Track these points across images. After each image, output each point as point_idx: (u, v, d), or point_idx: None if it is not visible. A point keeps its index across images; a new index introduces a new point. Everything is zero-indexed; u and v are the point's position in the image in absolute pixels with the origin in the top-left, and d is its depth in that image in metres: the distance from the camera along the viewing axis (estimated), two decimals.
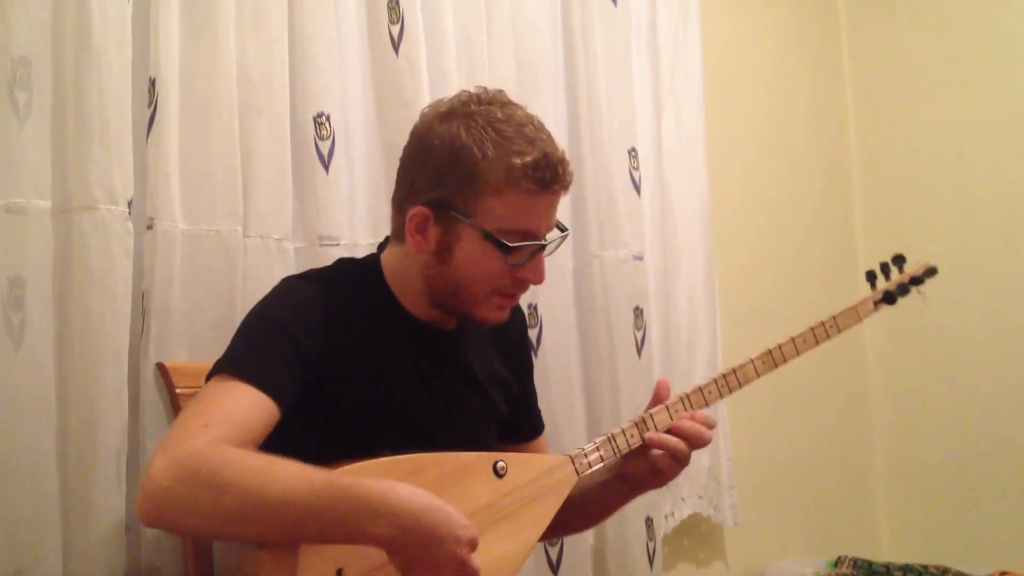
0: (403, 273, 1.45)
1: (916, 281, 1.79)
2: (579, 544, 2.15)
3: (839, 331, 1.71)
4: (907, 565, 2.75)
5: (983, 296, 3.12)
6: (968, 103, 3.17)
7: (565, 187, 1.41)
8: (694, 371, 2.57)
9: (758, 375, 1.62)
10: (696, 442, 1.51)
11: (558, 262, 2.19)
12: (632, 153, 2.37)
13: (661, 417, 1.51)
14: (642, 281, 2.36)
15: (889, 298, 1.75)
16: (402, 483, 1.16)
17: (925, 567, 2.72)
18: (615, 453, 1.48)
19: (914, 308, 3.21)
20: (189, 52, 1.66)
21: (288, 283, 1.43)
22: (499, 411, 1.58)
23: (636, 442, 1.49)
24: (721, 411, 2.65)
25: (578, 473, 1.45)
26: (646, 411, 1.53)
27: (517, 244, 1.37)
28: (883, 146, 3.36)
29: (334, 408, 1.37)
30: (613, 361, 2.25)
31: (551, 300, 2.17)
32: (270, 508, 1.13)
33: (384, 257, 1.50)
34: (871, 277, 1.76)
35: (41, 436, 1.44)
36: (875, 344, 3.37)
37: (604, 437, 1.48)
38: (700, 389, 1.56)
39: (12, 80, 1.46)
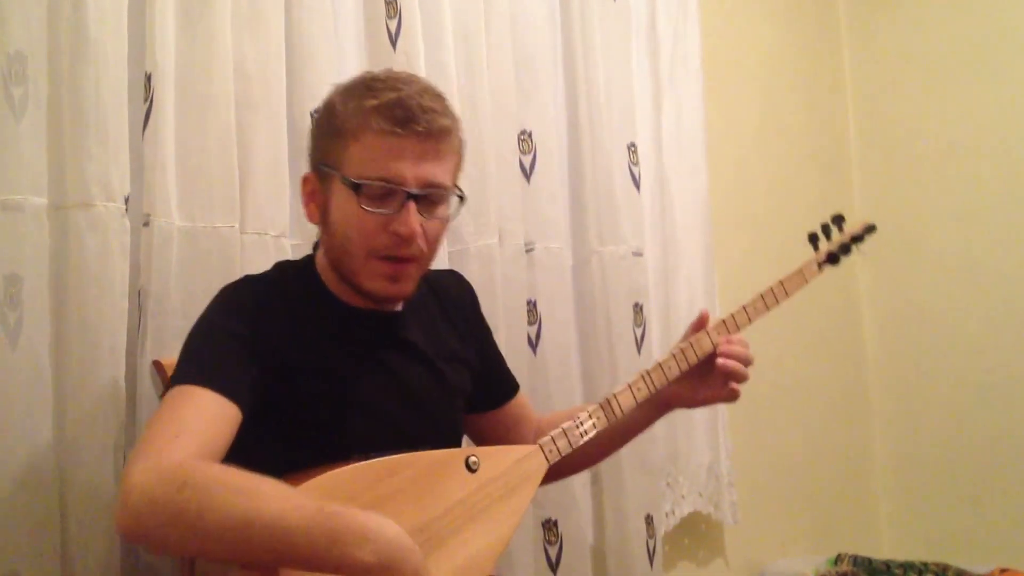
0: (328, 263, 1.45)
1: (857, 239, 1.83)
2: (579, 543, 2.15)
3: (787, 295, 1.74)
4: (907, 562, 2.75)
5: (983, 291, 3.12)
6: (968, 95, 3.17)
7: (431, 133, 1.36)
8: None
9: (715, 346, 1.63)
10: (745, 360, 1.62)
11: (557, 259, 2.19)
12: (631, 148, 2.36)
13: (624, 397, 1.55)
14: (641, 277, 2.35)
15: (832, 259, 1.80)
16: (389, 519, 1.15)
17: (925, 564, 2.71)
18: (582, 436, 1.51)
19: (917, 305, 3.22)
20: (185, 47, 1.65)
21: (227, 290, 1.42)
22: (459, 386, 1.57)
23: (602, 424, 1.53)
24: (720, 409, 2.65)
25: (548, 461, 1.48)
26: (681, 341, 1.62)
27: (369, 182, 1.34)
28: (882, 140, 3.36)
29: (292, 407, 1.36)
30: (613, 358, 2.25)
31: (550, 297, 2.17)
32: (257, 529, 1.11)
33: (318, 254, 1.50)
34: (813, 240, 1.80)
35: (38, 434, 1.43)
36: (874, 341, 3.37)
37: (571, 422, 1.51)
38: (660, 365, 1.59)
39: (7, 75, 1.44)
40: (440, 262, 1.88)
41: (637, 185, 2.37)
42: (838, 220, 1.82)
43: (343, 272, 1.42)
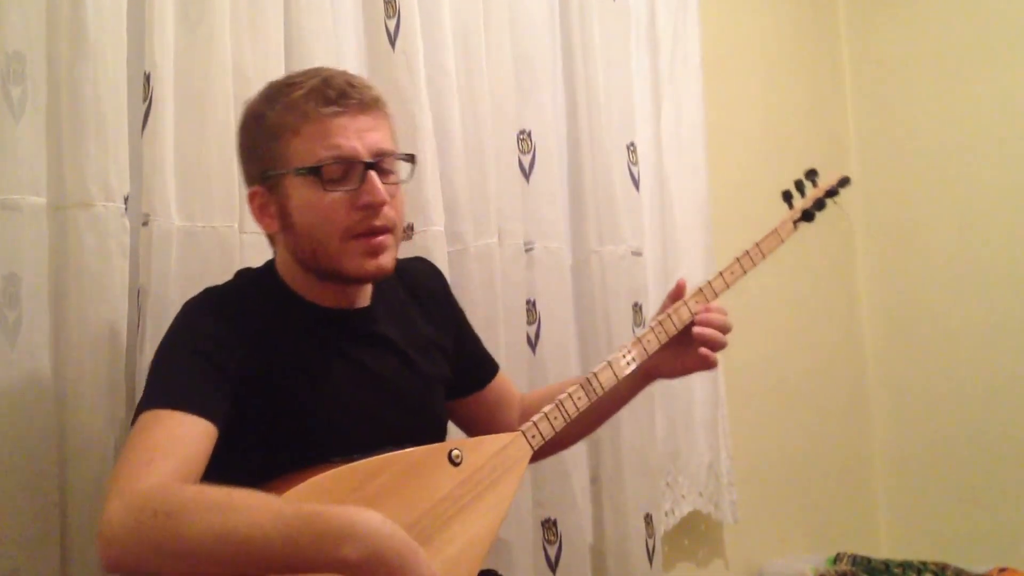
0: (290, 266, 1.44)
1: (831, 193, 1.81)
2: (578, 542, 2.15)
3: (764, 256, 1.73)
4: (906, 562, 2.75)
5: (983, 290, 3.12)
6: (967, 94, 3.17)
7: (366, 104, 1.38)
8: None
9: (692, 315, 1.64)
10: (722, 328, 1.63)
11: (557, 259, 2.19)
12: (631, 148, 2.36)
13: (605, 375, 1.55)
14: (641, 277, 2.35)
15: (807, 216, 1.78)
16: (369, 509, 1.14)
17: (924, 563, 2.72)
18: (565, 419, 1.51)
19: (916, 304, 3.22)
20: (184, 47, 1.65)
21: (188, 306, 1.41)
22: (437, 373, 1.57)
23: (584, 404, 1.53)
24: (721, 408, 2.65)
25: (532, 447, 1.48)
26: (659, 313, 1.64)
27: (328, 163, 1.35)
28: (882, 138, 3.36)
29: (268, 415, 1.35)
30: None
31: (549, 296, 2.17)
32: (236, 543, 1.10)
33: (278, 259, 1.48)
34: (787, 197, 1.79)
35: (37, 433, 1.43)
36: (874, 340, 3.37)
37: (552, 404, 1.51)
38: (640, 339, 1.60)
39: (6, 75, 1.45)
40: (440, 262, 1.88)
41: (636, 185, 2.37)
42: (811, 175, 1.80)
43: (320, 268, 1.40)
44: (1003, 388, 3.06)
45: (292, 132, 1.36)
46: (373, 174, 1.36)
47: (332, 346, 1.43)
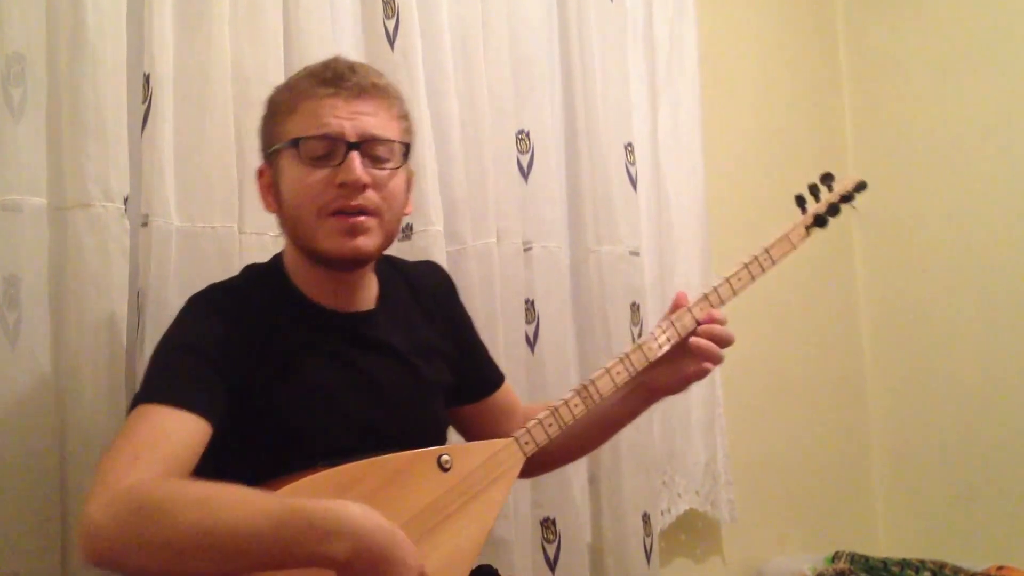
0: (295, 257, 1.44)
1: (846, 199, 1.74)
2: (576, 541, 2.15)
3: (773, 263, 1.64)
4: (904, 560, 2.75)
5: (980, 289, 3.12)
6: (964, 93, 3.17)
7: (363, 88, 1.39)
8: None
9: (698, 322, 1.57)
10: (725, 340, 1.57)
11: (555, 258, 2.19)
12: (628, 148, 2.36)
13: (603, 381, 1.52)
14: (639, 277, 2.36)
15: (820, 221, 1.70)
16: (353, 502, 1.13)
17: (922, 562, 2.72)
18: (560, 426, 1.48)
19: (914, 302, 3.23)
20: (184, 48, 1.65)
21: (190, 302, 1.40)
22: (438, 380, 1.55)
23: (580, 411, 1.49)
24: (718, 408, 2.65)
25: (525, 453, 1.45)
26: (662, 320, 1.58)
27: (308, 137, 1.36)
28: (879, 137, 3.36)
29: (263, 416, 1.34)
30: (610, 357, 2.24)
31: (548, 296, 2.17)
32: (221, 538, 1.09)
33: (285, 254, 1.48)
34: (801, 202, 1.71)
35: (38, 435, 1.43)
36: (871, 338, 3.37)
37: (547, 411, 1.48)
38: (640, 346, 1.56)
39: (7, 76, 1.45)
40: (439, 261, 1.88)
41: (634, 185, 2.37)
42: (827, 179, 1.73)
43: (302, 246, 1.41)
44: (1001, 386, 3.07)
45: (290, 111, 1.39)
46: (355, 154, 1.35)
47: (332, 350, 1.42)
